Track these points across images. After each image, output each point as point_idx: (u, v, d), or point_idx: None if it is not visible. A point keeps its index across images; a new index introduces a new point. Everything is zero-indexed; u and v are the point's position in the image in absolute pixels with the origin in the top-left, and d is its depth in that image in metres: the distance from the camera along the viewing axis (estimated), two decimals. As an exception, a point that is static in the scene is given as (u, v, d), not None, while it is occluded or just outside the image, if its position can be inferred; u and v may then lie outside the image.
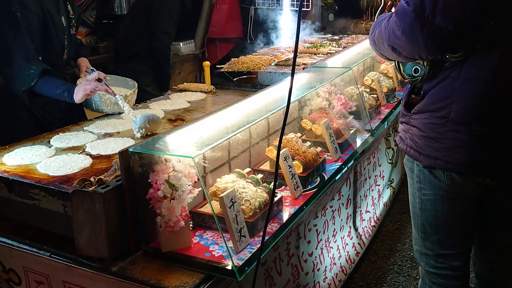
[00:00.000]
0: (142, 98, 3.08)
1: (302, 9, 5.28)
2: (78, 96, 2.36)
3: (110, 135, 2.28)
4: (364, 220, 3.16)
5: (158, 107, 2.74)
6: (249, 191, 1.75)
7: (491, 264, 2.03)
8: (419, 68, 1.76)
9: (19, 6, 2.36)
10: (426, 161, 1.80)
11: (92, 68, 2.66)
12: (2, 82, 2.50)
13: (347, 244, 2.85)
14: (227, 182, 1.77)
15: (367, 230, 3.17)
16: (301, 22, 4.82)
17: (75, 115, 2.69)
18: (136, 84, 2.76)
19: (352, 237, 2.94)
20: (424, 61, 1.74)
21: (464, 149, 1.71)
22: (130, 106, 2.54)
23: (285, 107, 1.38)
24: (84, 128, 2.38)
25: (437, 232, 1.93)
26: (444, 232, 1.92)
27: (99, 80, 2.42)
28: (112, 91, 2.42)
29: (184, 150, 1.58)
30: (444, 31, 1.58)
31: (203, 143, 1.64)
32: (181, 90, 3.21)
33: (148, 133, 2.24)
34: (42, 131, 2.39)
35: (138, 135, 2.24)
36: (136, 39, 4.07)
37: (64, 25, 2.58)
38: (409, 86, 1.87)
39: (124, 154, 1.55)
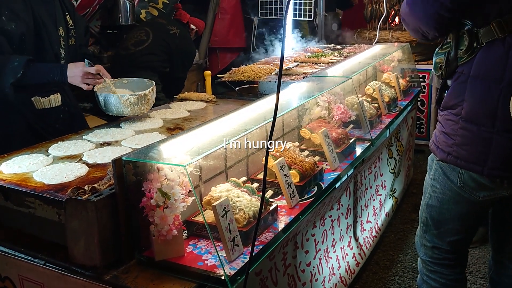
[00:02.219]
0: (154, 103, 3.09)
1: (305, 19, 5.31)
2: (72, 80, 2.45)
3: (108, 144, 2.29)
4: (365, 230, 3.13)
5: (158, 116, 2.74)
6: (244, 200, 1.74)
7: (506, 270, 2.10)
8: (441, 66, 1.91)
9: (7, 11, 2.36)
10: (440, 154, 1.92)
11: (88, 61, 2.62)
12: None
13: (347, 254, 2.83)
14: (222, 191, 1.77)
15: (368, 240, 3.15)
16: (301, 34, 4.85)
17: (75, 125, 2.68)
18: (154, 83, 2.74)
19: (352, 247, 2.92)
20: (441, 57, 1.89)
21: (471, 147, 1.81)
22: (150, 105, 2.62)
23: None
24: (83, 137, 2.39)
25: (437, 227, 2.06)
26: (443, 229, 2.05)
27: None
28: (103, 76, 2.54)
29: (176, 158, 1.58)
30: (442, 5, 1.73)
31: (197, 152, 1.64)
32: (182, 100, 3.22)
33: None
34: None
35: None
36: (155, 56, 4.24)
37: (63, 35, 2.59)
38: (441, 83, 1.99)
39: (117, 162, 1.56)
